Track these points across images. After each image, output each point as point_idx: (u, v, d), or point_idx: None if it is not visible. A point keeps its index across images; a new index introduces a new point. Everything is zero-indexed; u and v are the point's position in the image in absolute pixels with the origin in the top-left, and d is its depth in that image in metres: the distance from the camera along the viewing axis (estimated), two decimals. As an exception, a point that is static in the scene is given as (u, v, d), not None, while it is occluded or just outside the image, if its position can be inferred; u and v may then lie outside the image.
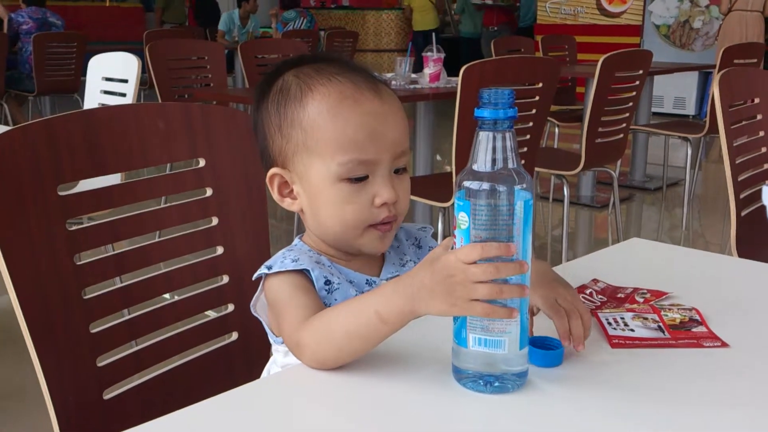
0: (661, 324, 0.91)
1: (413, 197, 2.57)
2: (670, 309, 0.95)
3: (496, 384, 0.74)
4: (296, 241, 0.95)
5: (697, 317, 0.93)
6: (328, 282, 0.87)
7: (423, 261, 0.74)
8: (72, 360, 0.98)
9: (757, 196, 1.88)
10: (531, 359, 0.77)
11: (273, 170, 0.92)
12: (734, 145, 1.82)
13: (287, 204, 0.93)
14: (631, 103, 3.39)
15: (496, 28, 9.38)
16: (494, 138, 0.72)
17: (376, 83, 0.90)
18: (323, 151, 0.86)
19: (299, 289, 0.85)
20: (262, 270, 0.87)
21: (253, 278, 0.89)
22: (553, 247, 3.88)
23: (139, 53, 2.70)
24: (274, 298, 0.86)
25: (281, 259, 0.87)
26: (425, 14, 10.50)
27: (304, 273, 0.86)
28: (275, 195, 0.93)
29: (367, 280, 0.91)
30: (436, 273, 0.72)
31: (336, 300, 0.86)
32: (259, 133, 0.93)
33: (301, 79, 0.89)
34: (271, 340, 0.91)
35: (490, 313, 0.71)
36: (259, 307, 0.92)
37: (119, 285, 1.05)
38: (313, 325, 0.79)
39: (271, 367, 0.96)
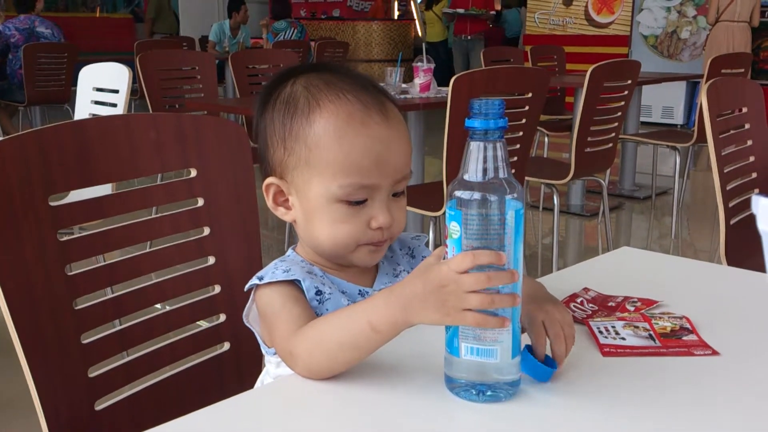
0: (651, 332, 0.91)
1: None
2: (660, 317, 0.95)
3: (489, 393, 0.74)
4: (289, 251, 0.94)
5: (688, 325, 0.93)
6: (319, 292, 0.87)
7: (415, 270, 0.75)
8: (63, 371, 0.97)
9: (746, 204, 1.90)
10: (523, 366, 0.77)
11: (270, 179, 0.91)
12: (722, 154, 1.83)
13: (281, 213, 0.92)
14: (619, 113, 3.41)
15: (469, 38, 9.31)
16: (485, 148, 0.72)
17: (385, 103, 0.89)
18: (325, 171, 0.85)
19: (290, 299, 0.84)
20: (254, 281, 0.87)
21: (245, 289, 0.89)
22: (544, 256, 3.88)
23: (129, 63, 2.69)
24: (266, 309, 0.86)
25: (273, 270, 0.87)
26: (431, 26, 10.52)
27: (295, 283, 0.86)
28: (270, 203, 0.93)
29: (360, 290, 0.91)
30: (428, 283, 0.72)
31: (327, 310, 0.86)
32: (260, 140, 0.92)
33: (310, 93, 0.87)
34: (264, 351, 0.91)
35: (482, 322, 0.71)
36: (251, 317, 0.91)
37: (110, 295, 1.04)
38: (306, 335, 0.79)
39: (264, 378, 0.96)
